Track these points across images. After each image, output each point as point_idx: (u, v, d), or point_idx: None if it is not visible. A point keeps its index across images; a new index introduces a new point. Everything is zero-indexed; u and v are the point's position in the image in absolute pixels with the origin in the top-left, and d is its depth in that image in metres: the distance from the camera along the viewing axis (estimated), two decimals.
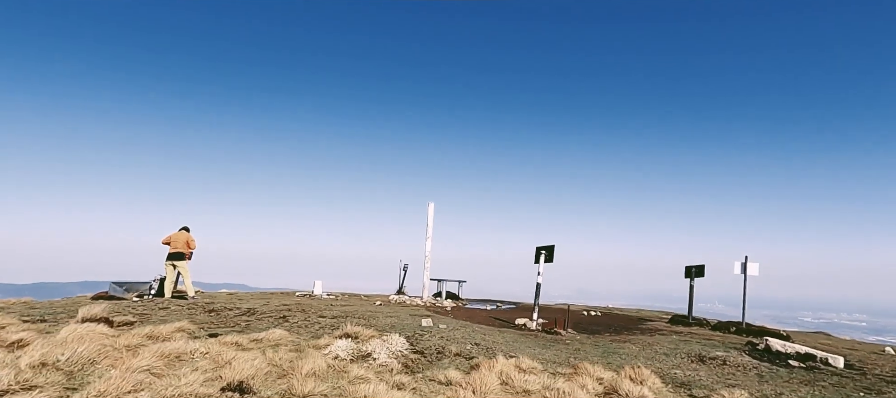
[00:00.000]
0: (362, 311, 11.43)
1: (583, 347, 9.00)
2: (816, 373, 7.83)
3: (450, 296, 20.59)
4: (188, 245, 14.88)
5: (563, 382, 5.94)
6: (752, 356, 8.58)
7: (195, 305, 11.91)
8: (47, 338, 6.20)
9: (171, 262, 14.53)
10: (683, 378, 7.12)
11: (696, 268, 13.88)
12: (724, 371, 7.67)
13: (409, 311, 12.19)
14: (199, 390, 4.70)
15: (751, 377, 7.42)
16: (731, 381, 7.05)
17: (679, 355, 8.45)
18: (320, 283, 18.49)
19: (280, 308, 11.56)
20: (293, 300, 14.53)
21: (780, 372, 7.76)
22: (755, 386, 6.92)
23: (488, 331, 9.85)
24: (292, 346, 7.26)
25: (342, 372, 5.78)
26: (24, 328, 7.22)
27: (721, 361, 8.09)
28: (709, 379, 7.14)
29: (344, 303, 13.81)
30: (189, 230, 15.30)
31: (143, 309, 10.80)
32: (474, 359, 7.04)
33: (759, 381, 7.19)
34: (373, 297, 17.61)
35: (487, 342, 8.44)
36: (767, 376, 7.51)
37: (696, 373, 7.48)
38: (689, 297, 13.81)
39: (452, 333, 8.91)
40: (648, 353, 8.60)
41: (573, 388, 5.71)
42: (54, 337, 6.22)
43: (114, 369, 5.04)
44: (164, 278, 14.70)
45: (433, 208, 18.01)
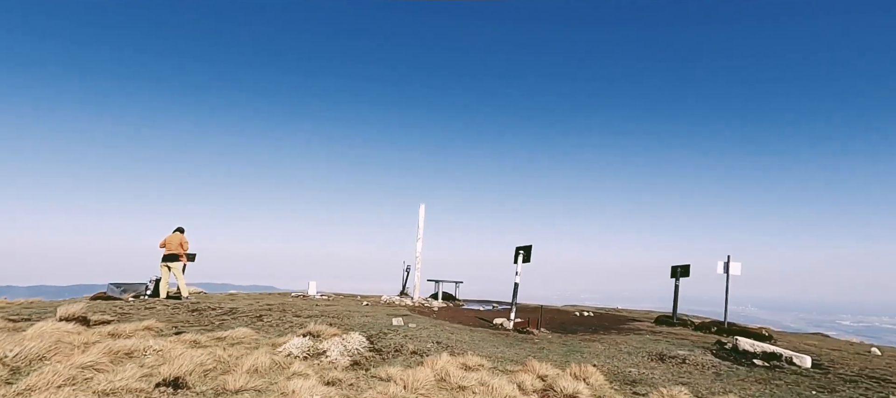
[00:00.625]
0: (342, 311, 11.59)
1: (548, 346, 9.03)
2: (777, 371, 7.77)
3: (446, 297, 20.69)
4: (182, 247, 15.16)
5: (503, 379, 6.01)
6: (716, 355, 8.54)
7: (181, 305, 12.19)
8: (9, 335, 6.46)
9: (165, 264, 14.83)
10: (635, 376, 7.13)
11: (682, 268, 13.78)
12: (681, 369, 7.65)
13: (390, 311, 12.33)
14: (133, 385, 4.87)
15: (706, 375, 7.39)
16: (682, 379, 7.04)
17: (641, 354, 8.44)
18: (314, 284, 18.74)
19: (262, 308, 11.78)
20: (283, 300, 14.77)
21: (739, 370, 7.72)
22: (706, 383, 6.91)
23: (459, 330, 9.93)
24: (251, 344, 7.44)
25: (284, 368, 5.93)
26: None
27: (681, 360, 8.07)
28: (661, 377, 7.14)
29: (329, 304, 13.99)
30: (184, 232, 15.58)
31: (130, 308, 11.08)
32: (429, 356, 7.13)
33: (712, 379, 7.17)
34: (368, 298, 17.79)
35: (450, 341, 8.53)
36: (724, 374, 7.48)
37: (651, 371, 7.48)
38: (674, 297, 13.70)
39: (419, 332, 9.01)
40: (611, 352, 8.60)
41: (509, 384, 5.78)
42: (17, 334, 6.48)
43: (59, 364, 5.26)
44: (160, 279, 15.02)
45: (424, 210, 18.20)
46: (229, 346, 7.17)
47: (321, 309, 12.03)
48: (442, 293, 20.92)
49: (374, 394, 5.19)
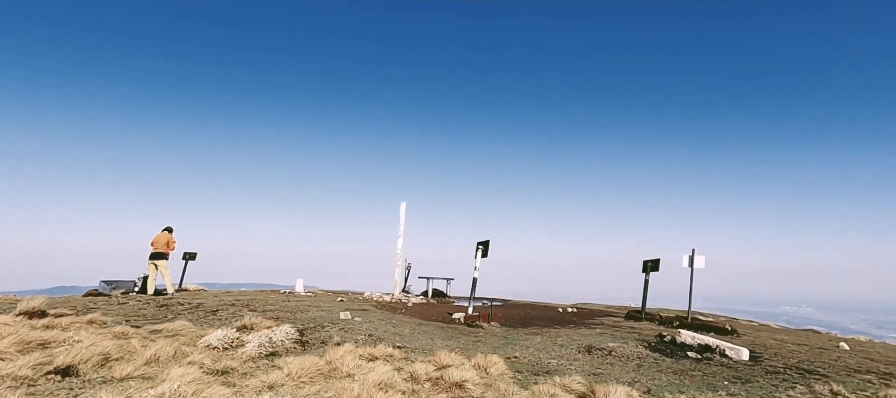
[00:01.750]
0: (305, 306, 11.80)
1: (487, 338, 9.06)
2: (702, 363, 7.68)
3: (436, 294, 20.82)
4: (168, 245, 15.58)
5: (397, 366, 6.11)
6: (649, 348, 8.45)
7: (153, 301, 12.56)
8: None
9: (152, 262, 15.27)
10: (552, 366, 7.12)
11: (652, 262, 13.61)
12: (603, 361, 7.61)
13: (354, 306, 12.51)
14: (23, 373, 5.11)
15: (627, 366, 7.35)
16: (597, 370, 7.03)
17: (572, 346, 8.41)
18: (301, 281, 19.03)
19: (229, 303, 12.04)
20: (262, 297, 15.06)
21: (664, 362, 7.63)
22: (620, 373, 6.89)
23: (406, 323, 10.04)
24: (179, 335, 7.68)
25: (184, 357, 6.13)
26: None
27: (607, 352, 8.02)
28: (575, 367, 7.12)
29: (300, 300, 14.20)
30: (172, 231, 16.00)
31: (104, 303, 11.48)
32: (364, 347, 7.25)
33: (630, 370, 7.13)
34: (353, 294, 18.01)
35: (385, 333, 8.65)
36: (646, 365, 7.42)
37: (570, 362, 7.46)
38: (643, 292, 13.54)
39: (358, 326, 9.15)
40: (545, 344, 8.59)
41: (401, 372, 5.88)
42: None
43: None
44: (147, 276, 15.47)
45: (405, 207, 18.36)
46: (161, 338, 7.41)
47: (288, 304, 12.24)
48: (432, 290, 21.06)
49: (256, 381, 5.33)
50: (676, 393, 6.04)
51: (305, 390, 5.10)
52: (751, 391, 6.23)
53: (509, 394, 5.45)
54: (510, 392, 5.54)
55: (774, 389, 6.30)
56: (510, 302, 20.12)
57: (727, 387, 6.43)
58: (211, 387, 4.89)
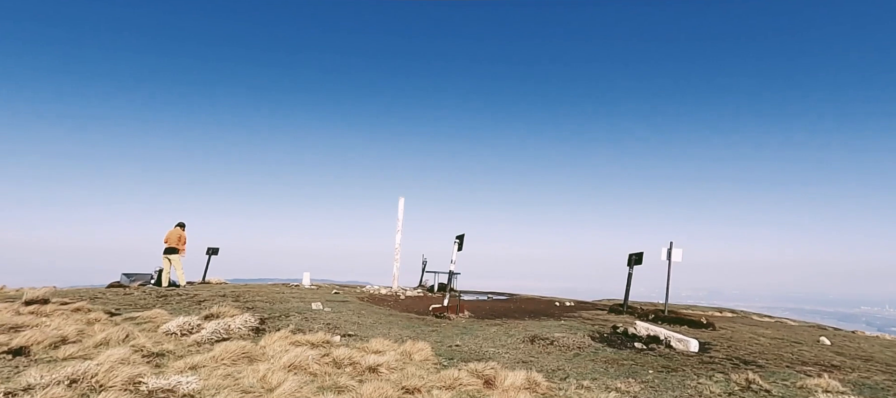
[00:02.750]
0: (286, 298, 12.33)
1: (445, 329, 9.32)
2: (643, 353, 7.75)
3: (442, 288, 21.17)
4: (180, 241, 16.46)
5: (325, 351, 6.47)
6: (597, 339, 8.54)
7: (154, 291, 13.35)
8: None
9: (166, 256, 16.18)
10: (482, 354, 7.33)
11: (636, 255, 13.50)
12: (540, 349, 7.78)
13: (336, 298, 12.97)
14: None
15: (564, 355, 7.50)
16: (528, 358, 7.22)
17: (520, 336, 8.57)
18: (308, 275, 19.69)
19: (219, 295, 12.64)
20: (258, 290, 15.71)
21: (604, 352, 7.73)
22: (551, 361, 7.06)
23: (375, 314, 10.42)
24: (147, 322, 8.27)
25: (130, 340, 6.65)
26: None
27: (549, 341, 8.16)
28: (507, 355, 7.33)
29: (292, 292, 14.72)
30: (184, 227, 16.87)
31: (111, 294, 12.33)
32: (299, 334, 7.66)
33: (559, 358, 7.27)
34: (352, 288, 18.55)
35: (341, 322, 9.05)
36: (583, 355, 7.54)
37: (506, 350, 7.65)
38: (626, 285, 13.45)
39: (323, 315, 9.58)
40: (497, 334, 8.79)
41: (325, 357, 6.23)
42: None
43: None
44: (162, 270, 16.41)
45: (403, 202, 18.74)
46: (129, 324, 8.01)
47: (277, 296, 12.79)
48: (438, 284, 21.41)
49: (181, 363, 5.78)
50: (588, 378, 6.17)
51: (220, 370, 5.51)
52: (667, 378, 6.30)
53: (413, 376, 5.71)
54: (418, 375, 5.80)
55: (695, 377, 6.34)
56: (517, 297, 20.26)
57: (649, 374, 6.51)
58: (133, 366, 5.35)
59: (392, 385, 5.28)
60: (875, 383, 6.55)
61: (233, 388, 4.87)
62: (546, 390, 5.66)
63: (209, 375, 5.32)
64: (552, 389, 5.70)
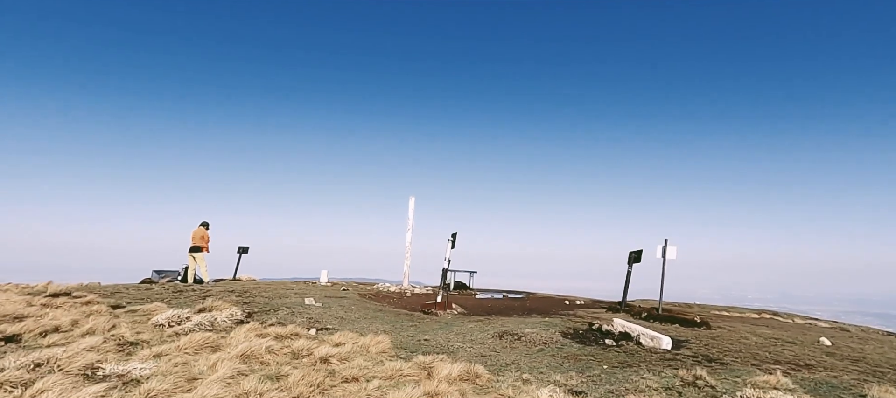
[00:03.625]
0: (286, 293, 12.75)
1: (424, 324, 9.53)
2: (609, 350, 7.72)
3: (458, 286, 21.36)
4: (203, 239, 17.27)
5: (286, 343, 6.78)
6: (568, 335, 8.54)
7: (173, 286, 14.10)
8: None
9: (191, 254, 17.02)
10: (447, 348, 7.49)
11: (635, 254, 13.27)
12: (504, 344, 7.88)
13: (338, 294, 13.35)
14: None
15: (527, 350, 7.57)
16: (485, 352, 7.34)
17: (492, 333, 8.65)
18: (325, 273, 20.25)
19: (227, 290, 13.20)
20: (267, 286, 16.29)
21: (568, 348, 7.75)
22: (502, 355, 7.15)
23: (365, 309, 10.72)
24: (143, 314, 8.82)
25: (113, 329, 7.15)
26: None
27: (517, 337, 8.23)
28: (470, 349, 7.49)
29: (302, 289, 15.20)
30: (207, 226, 17.68)
31: (134, 288, 13.13)
32: (272, 327, 8.03)
33: (520, 353, 7.36)
34: (366, 285, 18.97)
35: (324, 316, 9.41)
36: (547, 351, 7.58)
37: (473, 345, 7.78)
38: (625, 283, 13.24)
39: (311, 310, 9.97)
40: (472, 330, 8.92)
41: (285, 349, 6.54)
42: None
43: None
44: (188, 267, 17.27)
45: (413, 202, 19.01)
46: (125, 315, 8.61)
47: (278, 292, 13.27)
48: (455, 282, 21.61)
49: (148, 351, 6.21)
50: (535, 372, 6.25)
51: (179, 358, 5.88)
52: (616, 373, 6.29)
53: (359, 367, 5.94)
54: (364, 366, 6.03)
55: (645, 372, 6.30)
56: (533, 295, 20.23)
57: (601, 368, 6.52)
58: (99, 353, 5.80)
59: (328, 374, 5.53)
60: (837, 382, 6.33)
61: (179, 374, 5.21)
62: (486, 382, 5.78)
63: (167, 362, 5.69)
64: (491, 382, 5.81)
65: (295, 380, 4.95)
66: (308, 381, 4.99)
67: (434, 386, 5.23)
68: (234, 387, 4.66)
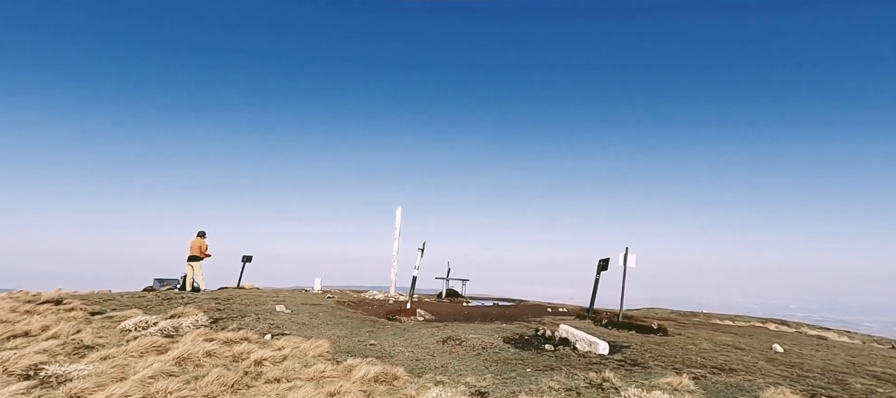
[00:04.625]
0: (264, 300, 13.21)
1: (379, 330, 9.88)
2: (541, 353, 7.96)
3: (450, 294, 21.66)
4: (201, 249, 17.90)
5: (230, 348, 7.18)
6: (509, 340, 8.78)
7: (161, 294, 14.63)
8: None
9: (189, 263, 17.65)
10: (388, 352, 7.83)
11: (603, 262, 13.40)
12: (443, 348, 8.16)
13: (314, 300, 13.76)
14: None
15: (463, 355, 7.83)
16: (420, 355, 7.63)
17: (437, 338, 8.90)
18: (319, 281, 20.71)
19: (211, 298, 13.69)
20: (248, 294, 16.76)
21: (504, 352, 7.99)
22: (436, 359, 7.44)
23: (332, 316, 11.09)
24: (117, 321, 9.31)
25: (77, 333, 7.64)
26: None
27: (458, 342, 8.50)
28: (409, 353, 7.79)
29: (286, 296, 15.61)
30: (204, 236, 18.29)
31: (128, 296, 13.71)
32: (223, 332, 8.44)
33: (454, 357, 7.64)
34: (355, 292, 19.37)
35: (284, 322, 9.82)
36: (482, 355, 7.84)
37: (414, 349, 8.09)
38: (592, 291, 13.38)
39: (275, 317, 10.39)
40: (421, 335, 9.20)
41: (229, 352, 6.95)
42: None
43: None
44: (186, 275, 17.90)
45: (400, 211, 19.36)
46: (100, 320, 9.12)
47: (260, 298, 13.72)
48: (447, 290, 21.90)
49: (98, 353, 6.66)
50: (454, 374, 6.53)
51: (121, 361, 6.31)
52: (532, 375, 6.54)
53: (287, 369, 6.30)
54: (291, 368, 6.38)
55: (559, 375, 6.52)
56: (523, 303, 20.48)
57: (521, 371, 6.77)
58: (49, 355, 6.28)
59: (255, 375, 5.90)
60: (744, 384, 6.49)
61: (112, 375, 5.64)
62: (401, 383, 6.10)
63: (109, 364, 6.12)
64: (406, 382, 6.12)
65: (209, 380, 5.32)
66: (223, 381, 5.36)
67: (341, 386, 5.55)
68: (149, 386, 5.04)
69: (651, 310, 24.71)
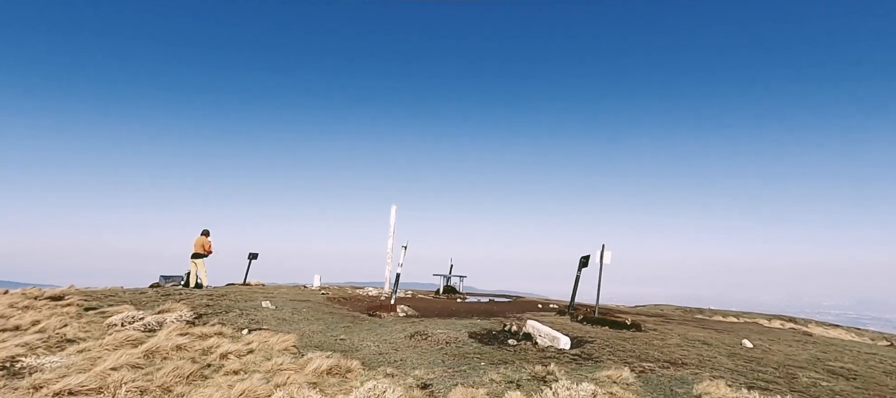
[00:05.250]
0: (255, 297, 13.57)
1: (355, 325, 10.16)
2: (502, 348, 8.18)
3: (448, 291, 21.94)
4: (204, 247, 18.39)
5: (200, 342, 7.51)
6: (473, 335, 8.99)
7: (164, 290, 15.12)
8: None
9: (193, 260, 18.16)
10: (355, 346, 8.11)
11: (584, 259, 13.51)
12: (409, 343, 8.41)
13: (303, 297, 14.12)
14: None
15: (427, 349, 8.06)
16: (386, 349, 7.90)
17: (406, 333, 9.15)
18: (318, 277, 21.10)
19: (206, 294, 14.12)
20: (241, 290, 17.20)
21: (466, 347, 8.21)
22: (399, 353, 7.70)
23: (314, 311, 11.42)
24: (106, 315, 9.73)
25: (63, 328, 8.04)
26: None
27: (424, 337, 8.74)
28: (374, 347, 8.06)
29: (283, 293, 16.06)
30: (208, 234, 18.78)
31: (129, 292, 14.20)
32: (199, 327, 8.80)
33: (417, 351, 7.88)
34: (353, 288, 19.74)
35: (264, 318, 10.14)
36: (445, 349, 8.06)
37: (379, 344, 8.35)
38: (573, 287, 13.51)
39: (259, 312, 10.73)
40: (392, 331, 9.45)
41: (201, 346, 7.28)
42: None
43: None
44: (190, 272, 18.41)
45: (395, 210, 19.64)
46: (89, 315, 9.54)
47: (253, 294, 14.11)
48: (445, 287, 22.19)
49: (75, 347, 7.04)
50: (405, 367, 6.78)
51: (95, 354, 6.68)
52: (482, 368, 6.77)
53: (248, 362, 6.61)
54: (253, 361, 6.69)
55: (506, 367, 6.75)
56: (522, 298, 20.72)
57: (473, 364, 6.99)
58: (28, 348, 6.66)
59: (216, 368, 6.21)
60: (688, 377, 6.63)
61: (82, 367, 5.99)
62: (353, 375, 6.36)
63: (83, 357, 6.49)
64: (358, 374, 6.39)
65: (166, 372, 5.65)
66: (179, 373, 5.67)
67: (290, 377, 5.83)
68: (106, 377, 5.37)
69: (656, 307, 24.78)
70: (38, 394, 4.94)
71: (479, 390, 5.75)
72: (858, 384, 7.11)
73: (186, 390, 5.36)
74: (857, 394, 6.57)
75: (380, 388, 5.48)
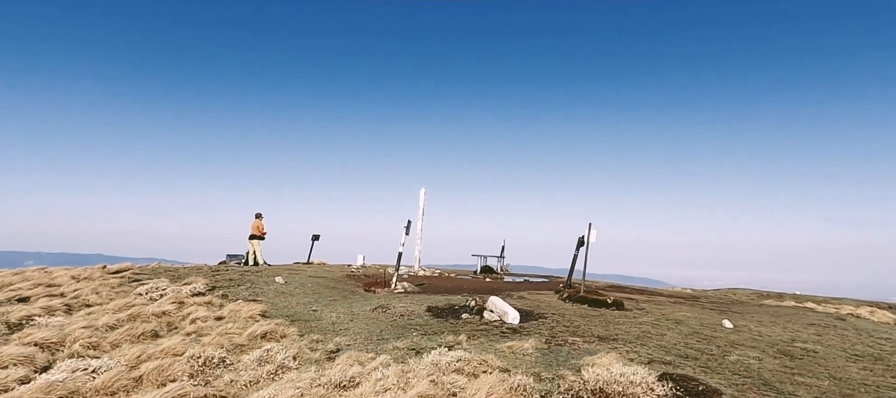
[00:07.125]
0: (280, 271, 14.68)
1: (346, 299, 10.80)
2: (447, 321, 8.40)
3: (485, 270, 22.25)
4: (258, 229, 20.08)
5: (184, 310, 8.49)
6: (431, 310, 9.23)
7: (220, 267, 16.78)
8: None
9: (250, 241, 19.95)
10: (320, 317, 8.73)
11: (581, 239, 13.15)
12: (371, 315, 8.85)
13: (327, 274, 15.05)
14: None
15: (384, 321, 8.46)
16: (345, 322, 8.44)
17: (372, 306, 9.59)
18: (361, 256, 22.13)
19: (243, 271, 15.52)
20: (292, 267, 18.47)
21: (418, 319, 8.54)
22: (355, 323, 8.24)
23: (319, 286, 12.24)
24: (138, 286, 11.13)
25: (94, 294, 9.38)
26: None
27: (385, 309, 9.17)
28: (335, 318, 8.65)
29: (313, 271, 17.14)
30: (261, 217, 20.39)
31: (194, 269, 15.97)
32: (198, 297, 9.83)
33: (373, 321, 8.34)
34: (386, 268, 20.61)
35: (265, 292, 11.06)
36: (396, 321, 8.44)
37: (342, 317, 8.85)
38: (570, 266, 13.22)
39: (267, 286, 11.70)
40: (366, 305, 9.94)
41: (177, 311, 8.26)
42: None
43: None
44: (249, 252, 20.21)
45: (424, 193, 20.05)
46: (126, 287, 11.00)
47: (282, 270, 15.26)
48: (482, 267, 22.53)
49: (84, 310, 8.27)
50: (345, 334, 7.30)
51: (95, 317, 7.82)
52: (406, 335, 7.10)
53: (208, 326, 7.44)
54: (212, 327, 7.51)
55: (434, 337, 7.02)
56: (554, 279, 20.60)
57: (404, 334, 7.31)
58: (49, 312, 7.95)
59: (173, 329, 7.08)
60: (594, 350, 6.51)
61: (70, 325, 7.08)
62: (289, 340, 6.94)
63: (83, 318, 7.65)
64: (291, 339, 6.97)
65: (123, 330, 6.57)
66: (133, 332, 6.57)
67: (221, 340, 6.52)
68: (69, 334, 6.35)
69: (730, 291, 23.13)
70: (13, 343, 6.02)
71: (379, 356, 6.09)
72: (798, 364, 6.57)
73: (129, 348, 6.23)
74: (782, 372, 6.12)
75: (283, 349, 6.02)
